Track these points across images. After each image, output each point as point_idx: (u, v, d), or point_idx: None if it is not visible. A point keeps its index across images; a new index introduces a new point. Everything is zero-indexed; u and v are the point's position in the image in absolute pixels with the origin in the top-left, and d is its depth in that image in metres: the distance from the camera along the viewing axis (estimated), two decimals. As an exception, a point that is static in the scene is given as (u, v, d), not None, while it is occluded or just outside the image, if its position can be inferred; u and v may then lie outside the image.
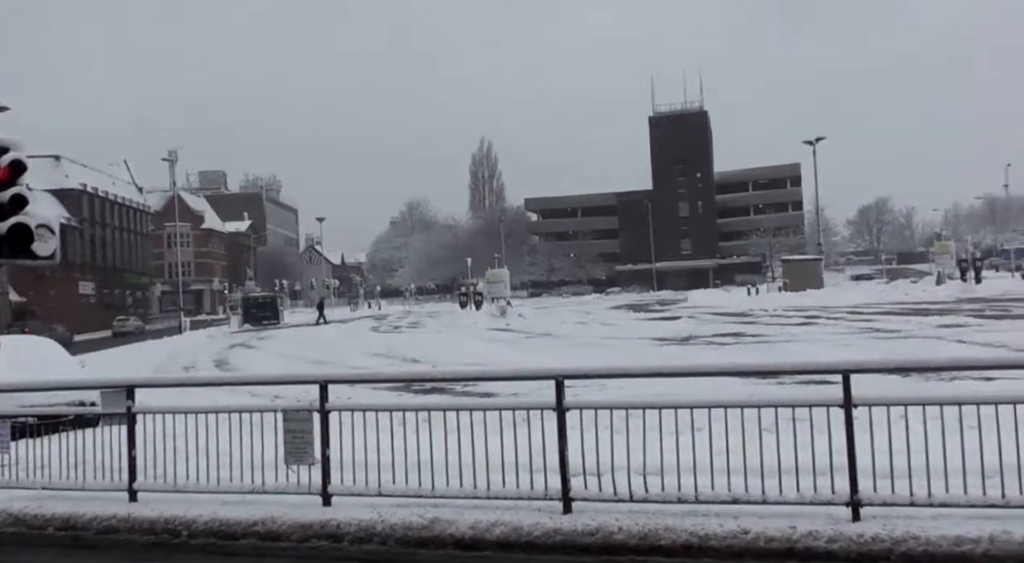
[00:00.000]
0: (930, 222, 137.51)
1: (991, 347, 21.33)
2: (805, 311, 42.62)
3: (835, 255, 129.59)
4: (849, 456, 7.00)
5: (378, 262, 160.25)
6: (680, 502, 7.25)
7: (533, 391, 11.94)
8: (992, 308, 37.10)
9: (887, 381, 12.70)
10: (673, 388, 9.03)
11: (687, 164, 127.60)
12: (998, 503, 6.78)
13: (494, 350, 28.15)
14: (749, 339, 27.84)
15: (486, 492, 7.80)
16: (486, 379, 13.64)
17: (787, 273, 69.19)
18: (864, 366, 7.67)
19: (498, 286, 59.90)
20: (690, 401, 7.71)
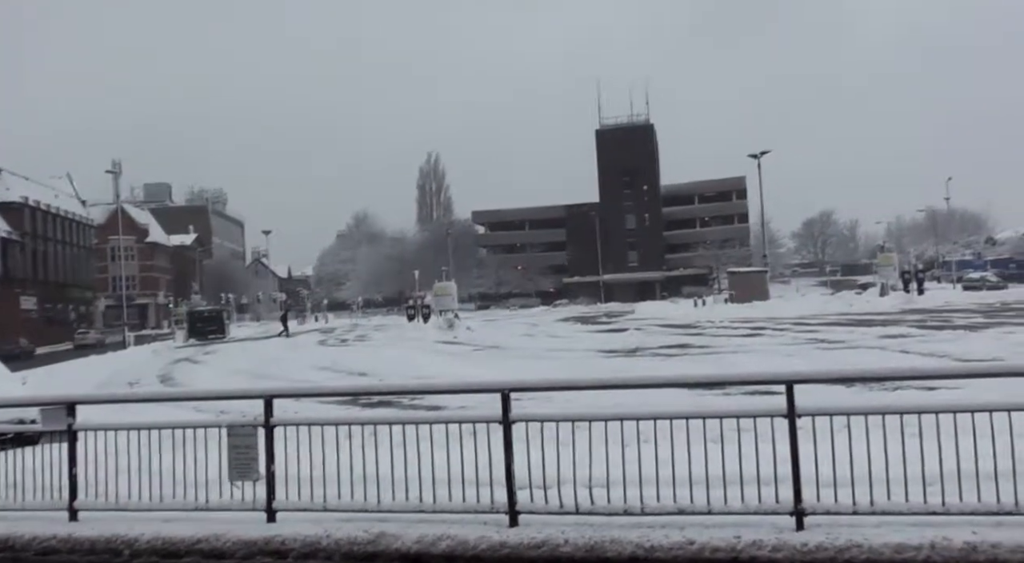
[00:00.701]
0: (873, 234, 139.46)
1: (933, 357, 21.68)
2: (751, 322, 43.02)
3: (781, 267, 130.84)
4: (793, 466, 7.07)
5: (325, 275, 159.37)
6: (626, 514, 7.27)
7: (480, 404, 11.92)
8: (934, 319, 37.71)
9: (832, 391, 12.84)
10: (620, 400, 9.07)
11: (634, 177, 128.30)
12: (939, 510, 6.88)
13: (442, 363, 28.08)
14: (696, 351, 28.02)
15: (432, 506, 7.78)
16: (433, 392, 13.63)
17: (733, 285, 69.76)
18: (807, 376, 7.75)
19: (446, 299, 59.74)
20: (636, 413, 7.74)
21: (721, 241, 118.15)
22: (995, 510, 6.84)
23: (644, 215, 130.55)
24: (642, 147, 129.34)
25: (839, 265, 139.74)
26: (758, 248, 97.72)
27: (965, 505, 6.88)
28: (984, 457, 6.96)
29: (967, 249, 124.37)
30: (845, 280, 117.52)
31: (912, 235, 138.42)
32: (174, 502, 8.45)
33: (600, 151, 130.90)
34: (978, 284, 79.77)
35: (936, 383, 13.05)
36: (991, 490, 6.91)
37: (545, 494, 7.54)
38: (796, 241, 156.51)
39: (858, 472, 7.10)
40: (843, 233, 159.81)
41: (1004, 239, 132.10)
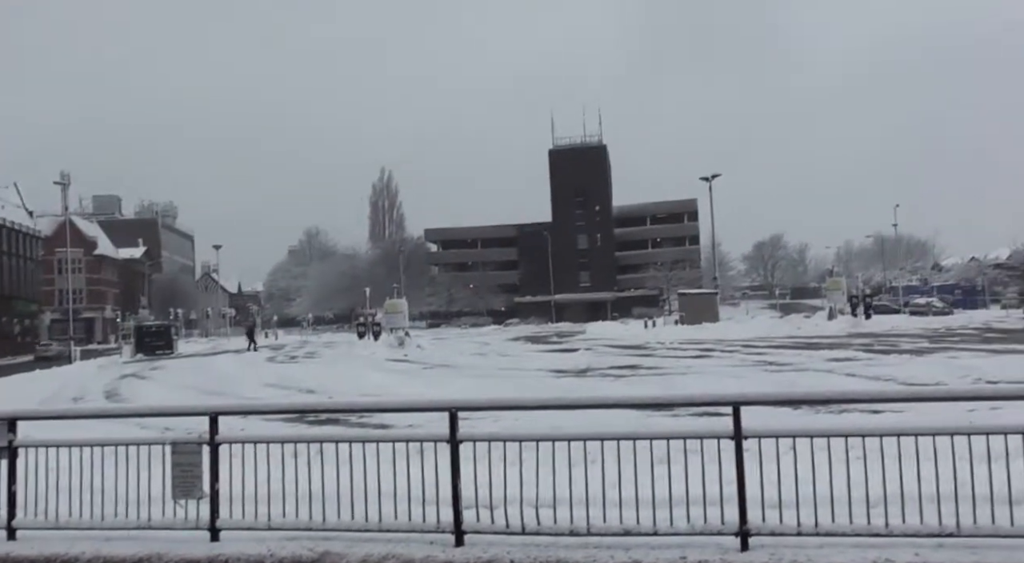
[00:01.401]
0: (822, 259, 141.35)
1: (879, 381, 21.88)
2: (701, 344, 43.26)
3: (731, 289, 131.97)
4: (739, 487, 7.11)
5: (276, 291, 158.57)
6: (572, 535, 7.27)
7: (429, 422, 11.85)
8: (881, 343, 38.12)
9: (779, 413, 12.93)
10: (569, 420, 9.07)
11: (586, 197, 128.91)
12: (882, 532, 6.96)
13: (391, 381, 27.92)
14: (645, 371, 28.09)
15: (378, 524, 7.73)
16: (380, 410, 13.52)
17: (684, 306, 70.11)
18: (753, 398, 7.81)
19: (397, 316, 59.44)
20: (584, 433, 7.76)
21: (672, 262, 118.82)
22: (937, 532, 6.93)
23: (596, 235, 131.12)
24: (594, 168, 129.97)
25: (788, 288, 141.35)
26: (709, 270, 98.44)
27: (908, 527, 6.97)
28: (927, 480, 7.06)
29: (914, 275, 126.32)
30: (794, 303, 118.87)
31: (860, 260, 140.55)
32: (116, 520, 8.32)
33: (553, 171, 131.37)
34: (924, 309, 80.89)
35: (881, 406, 13.20)
36: (934, 512, 6.99)
37: (491, 514, 7.52)
38: (746, 264, 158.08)
39: (804, 493, 7.16)
40: (793, 257, 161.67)
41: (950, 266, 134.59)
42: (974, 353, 29.79)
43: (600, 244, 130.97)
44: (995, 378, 20.58)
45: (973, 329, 50.33)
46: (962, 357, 28.20)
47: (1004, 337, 40.07)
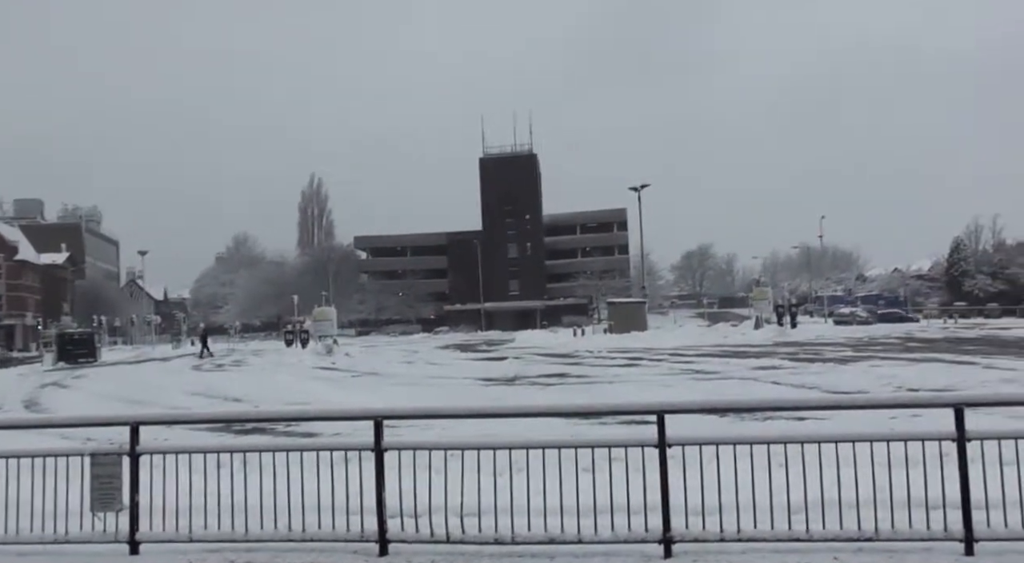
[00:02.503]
0: (750, 269, 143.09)
1: (803, 388, 22.18)
2: (629, 353, 43.51)
3: (659, 298, 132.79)
4: (663, 494, 7.17)
5: (202, 298, 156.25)
6: (497, 543, 7.27)
7: (356, 431, 11.78)
8: (805, 351, 38.67)
9: (705, 421, 13.05)
10: (498, 428, 9.07)
11: (516, 206, 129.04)
12: (803, 537, 7.07)
13: (319, 389, 27.69)
14: (573, 380, 28.18)
15: (301, 535, 7.66)
16: (306, 419, 13.39)
17: (612, 315, 70.48)
18: (677, 407, 7.87)
19: (325, 324, 59.10)
20: (510, 442, 7.76)
21: (602, 271, 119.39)
22: (856, 536, 7.06)
23: (526, 244, 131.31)
24: (525, 177, 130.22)
25: (716, 298, 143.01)
26: (638, 279, 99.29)
27: (828, 532, 7.08)
28: (848, 486, 7.17)
29: (839, 285, 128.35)
30: (722, 312, 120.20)
31: (787, 270, 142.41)
32: (32, 535, 8.13)
33: (483, 180, 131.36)
34: (848, 319, 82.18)
35: (805, 414, 13.41)
36: (853, 517, 7.11)
37: (416, 523, 7.50)
38: (675, 273, 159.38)
39: (727, 500, 7.24)
40: (721, 267, 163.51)
41: (874, 276, 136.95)
42: (895, 362, 30.32)
43: (530, 253, 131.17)
44: (915, 386, 20.98)
45: (895, 338, 51.24)
46: (884, 366, 28.70)
47: (925, 346, 40.84)
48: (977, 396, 8.84)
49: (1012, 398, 9.52)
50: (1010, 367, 26.58)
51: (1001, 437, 7.45)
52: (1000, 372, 24.82)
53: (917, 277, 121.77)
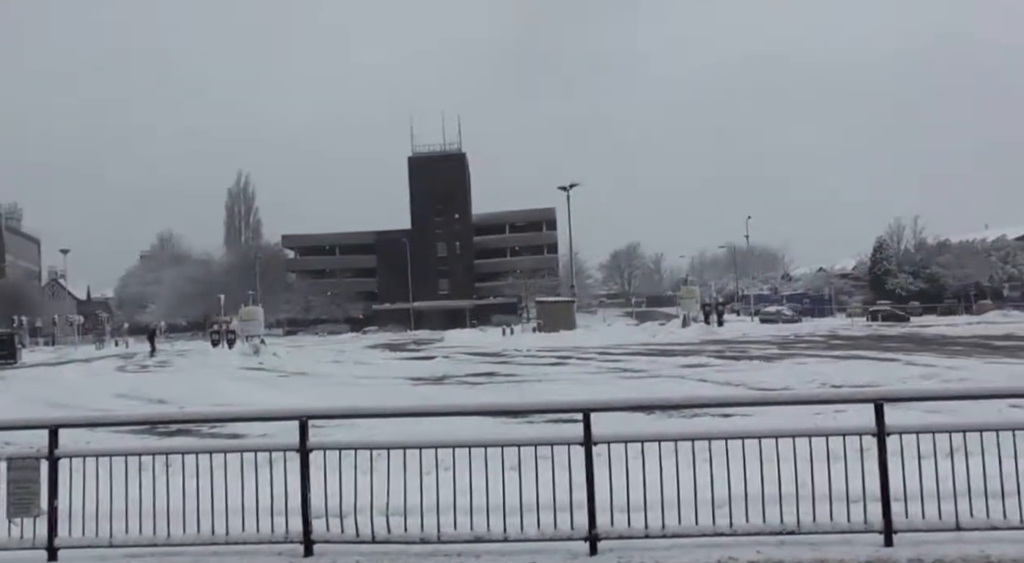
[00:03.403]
0: (677, 268, 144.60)
1: (729, 386, 22.42)
2: (558, 351, 43.69)
3: (588, 297, 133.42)
4: (588, 492, 7.19)
5: (127, 298, 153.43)
6: (423, 542, 7.25)
7: (283, 432, 11.65)
8: (732, 349, 39.13)
9: (633, 419, 13.14)
10: (425, 428, 9.04)
11: (446, 205, 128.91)
12: (726, 531, 7.15)
13: (245, 390, 27.38)
14: (502, 379, 28.23)
15: (225, 537, 7.56)
16: (230, 420, 13.23)
17: (541, 314, 70.65)
18: (603, 405, 7.91)
19: (252, 324, 58.43)
20: (436, 441, 7.74)
21: (531, 270, 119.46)
22: (778, 530, 7.15)
23: (455, 243, 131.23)
24: (454, 175, 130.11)
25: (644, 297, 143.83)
26: (567, 278, 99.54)
27: (751, 526, 7.17)
28: (771, 481, 7.26)
29: (765, 284, 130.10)
30: (650, 311, 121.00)
31: (714, 270, 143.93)
32: (-56, 543, 7.93)
33: (412, 178, 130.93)
34: (774, 317, 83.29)
35: (730, 411, 13.56)
36: (776, 512, 7.21)
37: (341, 523, 7.45)
38: (604, 272, 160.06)
39: (653, 497, 7.28)
40: (649, 266, 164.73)
41: (799, 276, 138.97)
42: (820, 359, 30.79)
43: (459, 252, 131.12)
44: (838, 383, 21.32)
45: (820, 336, 52.03)
46: (809, 363, 29.14)
47: (848, 344, 41.53)
48: (896, 392, 9.01)
49: (930, 394, 9.73)
50: (929, 363, 27.13)
51: (919, 431, 7.60)
52: (921, 368, 25.32)
53: (841, 276, 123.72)
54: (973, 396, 9.14)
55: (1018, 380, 20.93)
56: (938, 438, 7.44)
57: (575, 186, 77.24)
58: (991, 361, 27.62)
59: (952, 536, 7.19)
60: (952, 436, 7.44)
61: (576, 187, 77.59)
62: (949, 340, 42.50)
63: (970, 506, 7.36)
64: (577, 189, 77.86)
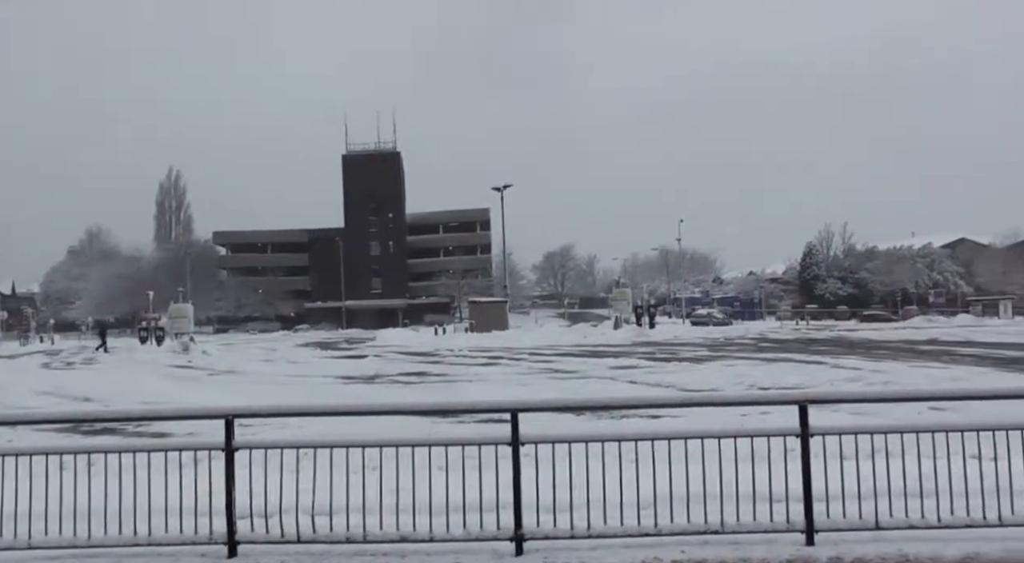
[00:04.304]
0: (610, 270, 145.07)
1: (659, 387, 22.59)
2: (489, 352, 43.72)
3: (521, 298, 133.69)
4: (515, 492, 7.21)
5: (53, 293, 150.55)
6: (348, 542, 7.22)
7: (211, 430, 11.52)
8: (663, 351, 39.45)
9: (562, 419, 13.19)
10: (354, 427, 8.97)
11: (379, 203, 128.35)
12: (651, 531, 7.21)
13: (174, 388, 27.05)
14: (433, 378, 28.19)
15: (148, 539, 7.44)
16: (154, 418, 13.06)
17: (474, 314, 70.65)
18: (531, 405, 7.93)
19: (181, 321, 57.79)
20: (364, 440, 7.69)
21: (464, 270, 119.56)
22: (702, 530, 7.24)
23: (389, 242, 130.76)
24: (388, 174, 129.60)
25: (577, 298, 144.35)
26: (500, 279, 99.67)
27: (676, 526, 7.24)
28: (697, 481, 7.34)
29: (696, 287, 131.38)
30: (582, 313, 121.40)
31: (646, 272, 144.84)
32: None
33: (346, 177, 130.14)
34: (705, 320, 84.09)
35: (659, 412, 13.67)
36: (701, 512, 7.29)
37: (266, 523, 7.38)
38: (537, 273, 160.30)
39: (580, 497, 7.32)
40: (582, 268, 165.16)
41: (730, 279, 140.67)
42: (749, 362, 31.15)
43: (393, 251, 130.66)
44: (766, 385, 21.61)
45: (750, 339, 52.66)
46: (738, 365, 29.47)
47: (777, 347, 42.06)
48: (820, 394, 9.13)
49: (852, 396, 9.92)
50: (855, 366, 27.58)
51: (842, 433, 7.73)
52: (846, 371, 25.73)
53: (772, 280, 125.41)
54: (894, 399, 9.35)
55: (939, 383, 21.38)
56: (861, 439, 7.57)
57: (508, 187, 77.41)
58: (915, 365, 28.14)
59: (872, 535, 7.34)
60: (874, 437, 7.58)
61: (510, 188, 77.77)
62: (876, 344, 43.21)
63: (890, 506, 7.48)
64: (512, 190, 78.10)
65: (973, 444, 7.60)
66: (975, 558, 6.95)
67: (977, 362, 29.41)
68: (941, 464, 7.48)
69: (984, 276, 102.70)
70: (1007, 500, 7.44)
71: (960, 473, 7.47)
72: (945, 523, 7.38)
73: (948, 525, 7.37)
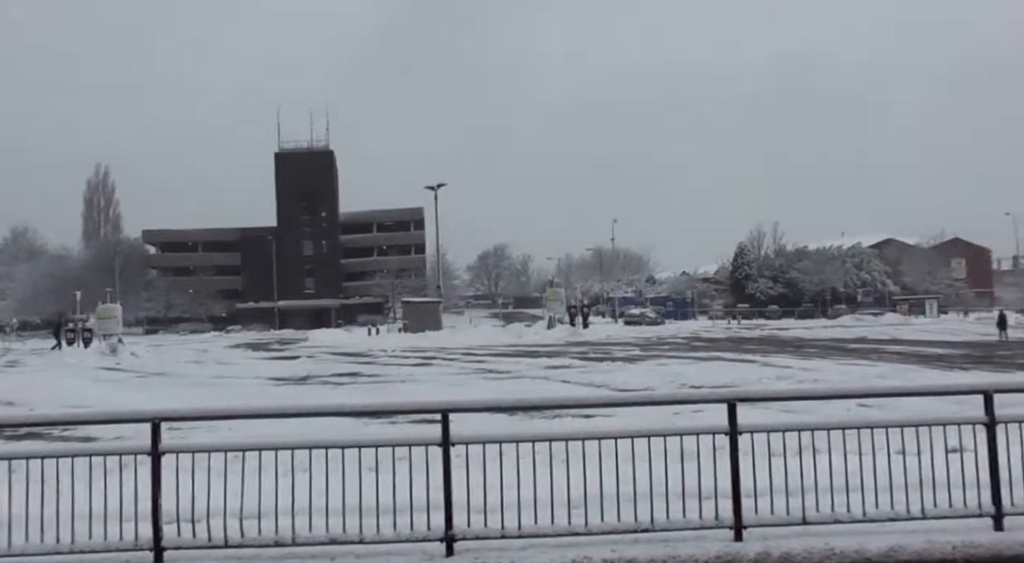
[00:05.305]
0: (544, 270, 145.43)
1: (592, 387, 22.71)
2: (423, 352, 43.67)
3: (455, 298, 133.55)
4: (445, 493, 7.19)
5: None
6: (277, 545, 7.14)
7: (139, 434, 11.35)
8: (596, 351, 39.67)
9: (495, 419, 13.18)
10: (285, 429, 8.88)
11: (312, 202, 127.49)
12: (581, 531, 7.23)
13: (101, 391, 26.59)
14: (366, 379, 28.08)
15: (70, 546, 7.28)
16: (78, 423, 12.83)
17: (407, 314, 70.52)
18: (462, 405, 7.92)
19: (110, 322, 56.73)
20: (294, 442, 7.63)
21: (398, 270, 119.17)
22: (633, 528, 7.28)
23: (322, 242, 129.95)
24: (322, 173, 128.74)
25: (511, 298, 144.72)
26: (434, 279, 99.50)
27: (606, 525, 7.27)
28: (628, 480, 7.38)
29: (630, 287, 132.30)
30: (517, 312, 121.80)
31: (580, 272, 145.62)
32: None
33: (279, 175, 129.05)
34: (638, 319, 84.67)
35: (591, 411, 13.72)
36: (631, 510, 7.33)
37: (193, 528, 7.27)
38: (471, 273, 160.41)
39: (511, 498, 7.32)
40: (516, 268, 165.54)
41: (663, 279, 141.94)
42: (681, 360, 31.43)
43: (326, 250, 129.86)
44: (698, 383, 21.82)
45: (682, 338, 53.16)
46: (670, 364, 29.75)
47: (709, 346, 42.50)
48: (748, 392, 9.25)
49: (780, 394, 10.02)
50: (785, 365, 27.96)
51: (770, 430, 7.81)
52: (776, 370, 26.09)
53: (704, 280, 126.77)
54: (822, 396, 9.46)
55: (867, 381, 21.76)
56: (789, 437, 7.67)
57: (442, 186, 77.51)
58: (843, 363, 28.59)
59: (799, 530, 7.44)
60: (801, 434, 7.69)
61: (444, 187, 77.85)
62: (805, 343, 43.88)
63: (817, 501, 7.59)
64: (447, 190, 78.20)
65: (898, 440, 7.74)
66: (898, 550, 7.08)
67: (903, 359, 30.00)
68: (867, 460, 7.61)
69: (911, 275, 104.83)
70: (929, 494, 7.60)
71: (885, 468, 7.60)
72: (870, 517, 7.52)
73: (873, 519, 7.51)
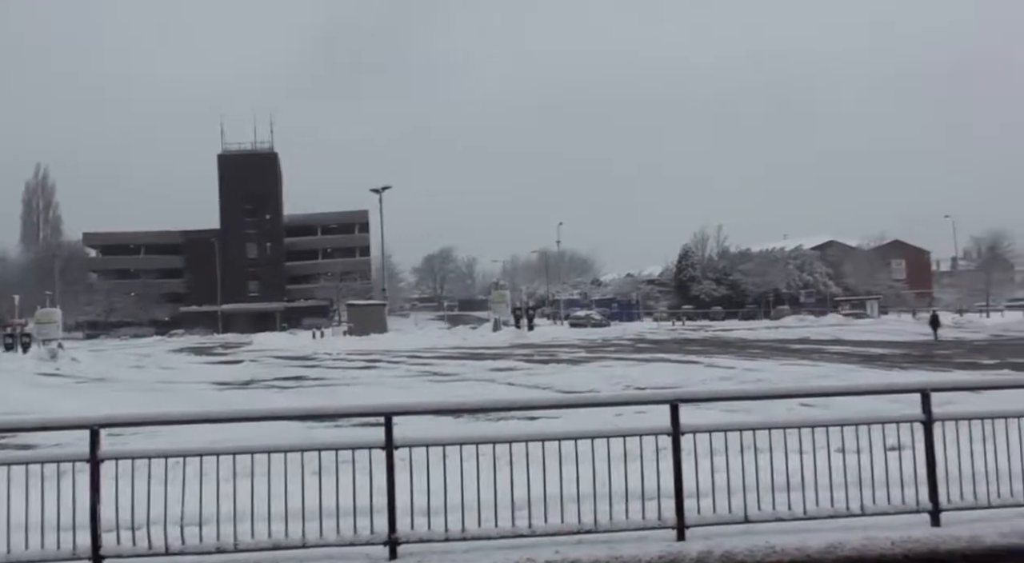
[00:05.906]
0: (490, 272, 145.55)
1: (537, 389, 22.77)
2: (368, 355, 43.55)
3: (401, 301, 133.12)
4: (389, 496, 7.18)
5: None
6: (219, 552, 7.07)
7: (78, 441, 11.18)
8: (541, 353, 39.79)
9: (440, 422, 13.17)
10: (227, 434, 8.81)
11: (257, 205, 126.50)
12: (525, 532, 7.26)
13: (40, 397, 26.20)
14: (311, 383, 27.94)
15: (6, 556, 7.15)
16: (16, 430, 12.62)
17: (352, 317, 70.30)
18: (406, 408, 7.93)
19: (49, 327, 55.97)
20: (237, 447, 7.58)
21: (343, 273, 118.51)
22: (576, 529, 7.31)
23: (266, 244, 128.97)
24: (266, 175, 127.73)
25: (457, 301, 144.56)
26: (379, 281, 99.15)
27: (550, 526, 7.29)
28: (572, 481, 7.41)
29: (575, 289, 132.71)
30: (462, 315, 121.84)
31: (525, 274, 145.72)
32: None
33: (222, 177, 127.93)
34: (584, 321, 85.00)
35: (536, 413, 13.76)
36: (575, 512, 7.36)
37: (133, 535, 7.18)
38: (416, 276, 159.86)
39: (455, 500, 7.33)
40: (462, 270, 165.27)
41: (608, 281, 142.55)
42: (626, 362, 31.59)
43: (270, 253, 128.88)
44: (642, 385, 21.96)
45: (627, 340, 53.44)
46: (615, 366, 29.88)
47: (654, 347, 42.76)
48: (691, 393, 9.31)
49: (722, 394, 10.14)
50: (729, 365, 28.21)
51: (712, 430, 7.88)
52: (720, 370, 26.31)
53: (649, 282, 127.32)
54: (764, 396, 9.57)
55: (809, 381, 22.01)
56: (731, 436, 7.74)
57: (387, 189, 77.19)
58: (786, 363, 28.91)
59: (741, 529, 7.51)
60: (743, 434, 7.75)
61: (389, 190, 77.52)
62: (749, 343, 44.32)
63: (758, 500, 7.68)
64: (391, 193, 77.87)
65: (838, 438, 7.85)
66: (838, 547, 7.19)
67: (844, 359, 30.40)
68: (808, 458, 7.70)
69: (852, 277, 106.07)
70: (868, 491, 7.71)
71: (826, 466, 7.70)
72: (811, 515, 7.62)
73: (813, 516, 7.62)
